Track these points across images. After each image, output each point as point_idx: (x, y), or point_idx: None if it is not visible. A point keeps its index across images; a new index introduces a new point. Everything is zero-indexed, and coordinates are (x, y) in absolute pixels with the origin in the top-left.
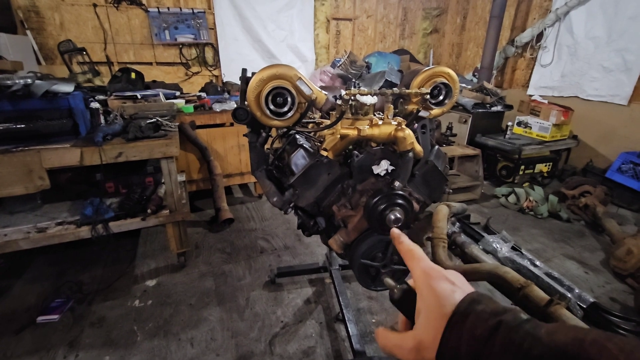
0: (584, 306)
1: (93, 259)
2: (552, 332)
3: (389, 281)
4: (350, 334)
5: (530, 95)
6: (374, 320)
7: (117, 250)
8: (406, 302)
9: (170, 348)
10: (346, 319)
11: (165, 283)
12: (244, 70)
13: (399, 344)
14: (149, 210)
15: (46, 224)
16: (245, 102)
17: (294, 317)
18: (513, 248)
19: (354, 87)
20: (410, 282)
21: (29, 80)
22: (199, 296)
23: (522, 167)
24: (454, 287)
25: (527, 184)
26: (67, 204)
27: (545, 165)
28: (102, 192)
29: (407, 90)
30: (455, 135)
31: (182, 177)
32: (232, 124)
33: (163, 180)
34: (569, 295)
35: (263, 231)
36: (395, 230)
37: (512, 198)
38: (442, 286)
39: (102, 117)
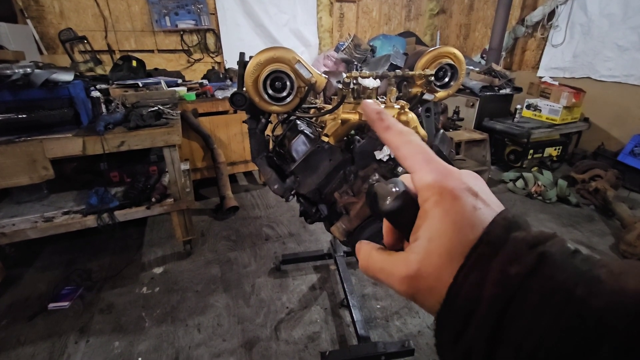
0: None
1: (101, 248)
2: (618, 274)
3: (382, 186)
4: (355, 319)
5: (541, 77)
6: (378, 306)
7: (124, 239)
8: (403, 212)
9: (177, 334)
10: (351, 305)
11: (172, 270)
12: (242, 54)
13: (386, 268)
14: (153, 199)
15: (53, 213)
16: (243, 87)
17: (299, 303)
18: None
19: (356, 70)
20: (406, 180)
21: (29, 70)
22: (205, 283)
23: (531, 151)
24: (477, 200)
25: (535, 168)
26: (72, 193)
27: (555, 149)
28: (107, 181)
29: (410, 72)
30: (462, 119)
31: (185, 166)
32: (235, 111)
33: (167, 169)
34: None
35: (268, 219)
36: (368, 103)
37: (520, 183)
38: (463, 200)
39: (103, 106)
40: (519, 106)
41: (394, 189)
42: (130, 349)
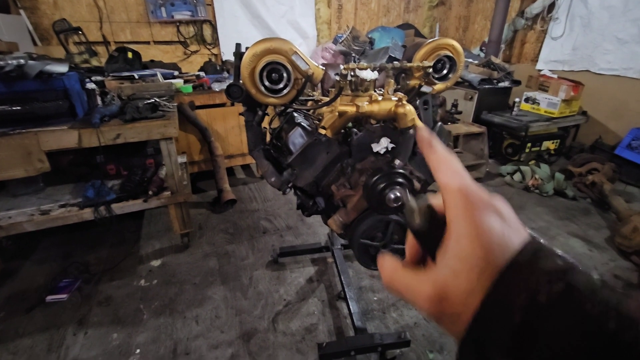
0: None
1: (98, 240)
2: None
3: (412, 202)
4: (352, 311)
5: (540, 70)
6: (375, 299)
7: (122, 232)
8: (429, 230)
9: (176, 325)
10: (348, 297)
11: (169, 263)
12: (238, 45)
13: (411, 285)
14: (150, 192)
15: (49, 206)
16: (240, 79)
17: (296, 295)
18: None
19: (354, 62)
20: (434, 200)
21: (22, 61)
22: (203, 276)
23: (529, 144)
24: (506, 225)
25: (533, 161)
26: (69, 186)
27: (553, 143)
28: (103, 174)
29: (408, 64)
30: (460, 112)
31: (182, 159)
32: (232, 104)
33: (164, 162)
34: None
35: (265, 212)
36: (424, 132)
37: (517, 176)
38: (491, 222)
39: (99, 98)
40: (517, 99)
41: (422, 207)
42: (128, 340)
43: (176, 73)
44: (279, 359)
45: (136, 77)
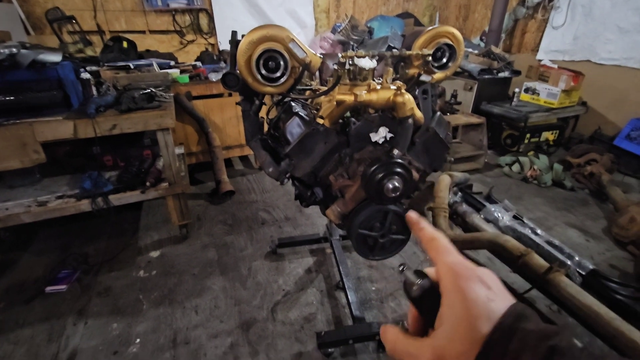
0: (583, 273)
1: (96, 232)
2: None
3: (409, 275)
4: (350, 301)
5: (540, 60)
6: (373, 288)
7: (120, 223)
8: (426, 300)
9: (175, 315)
10: (346, 287)
11: (168, 254)
12: (234, 33)
13: (412, 352)
14: (147, 183)
15: (46, 197)
16: (236, 68)
17: (295, 285)
18: (514, 217)
19: (352, 50)
20: (431, 272)
21: (14, 50)
22: (202, 266)
23: (528, 135)
24: (491, 293)
25: (532, 152)
26: (66, 177)
27: (552, 133)
28: (100, 165)
29: (407, 52)
30: (459, 103)
31: (180, 150)
32: (230, 94)
33: (161, 153)
34: (569, 262)
35: (264, 203)
36: (412, 215)
37: (516, 167)
38: (476, 291)
39: (94, 89)
40: (517, 90)
41: (419, 280)
42: (128, 330)
43: (172, 63)
44: (278, 348)
45: (132, 67)
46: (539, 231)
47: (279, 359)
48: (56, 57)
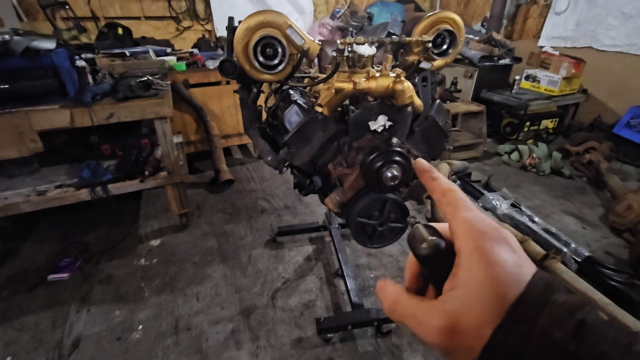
0: (579, 260)
1: (97, 221)
2: None
3: (422, 231)
4: (349, 288)
5: (541, 47)
6: (372, 275)
7: (120, 212)
8: (435, 259)
9: (177, 302)
10: (345, 274)
11: (169, 243)
12: (230, 19)
13: (418, 315)
14: (146, 172)
15: (45, 187)
16: (233, 55)
17: (294, 273)
18: (512, 205)
19: (351, 36)
20: (442, 228)
21: (7, 37)
22: (203, 254)
23: (527, 123)
24: (518, 257)
25: (531, 140)
26: (64, 167)
27: (551, 122)
28: (98, 154)
29: (407, 39)
30: (459, 91)
31: (178, 139)
32: (228, 82)
33: (159, 142)
34: (565, 249)
35: (263, 191)
36: (423, 162)
37: (515, 155)
38: (502, 253)
39: (90, 76)
40: (517, 77)
41: (431, 235)
42: (131, 317)
43: (169, 50)
44: (279, 334)
45: (127, 54)
46: (536, 219)
47: (280, 344)
48: (50, 44)
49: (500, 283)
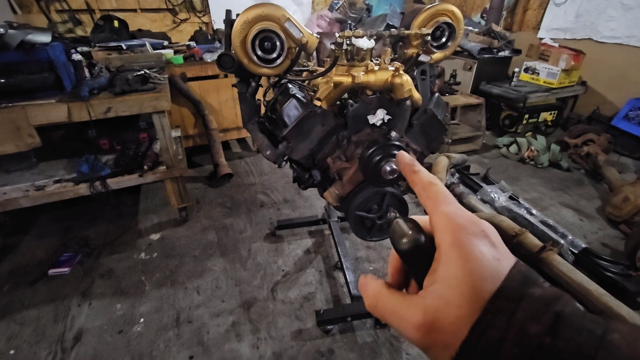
0: (576, 251)
1: (96, 215)
2: (633, 341)
3: (403, 226)
4: (349, 280)
5: (541, 39)
6: (371, 268)
7: (119, 207)
8: (416, 253)
9: (177, 296)
10: (344, 267)
11: (168, 237)
12: (228, 12)
13: (399, 311)
14: (145, 167)
15: (44, 182)
16: (231, 48)
17: (294, 266)
18: (510, 197)
19: (350, 29)
20: (423, 222)
21: (2, 30)
22: (202, 248)
23: (526, 116)
24: (497, 251)
25: (529, 133)
26: (62, 161)
27: (550, 114)
28: (96, 149)
29: (406, 31)
30: (458, 83)
31: (177, 133)
32: (225, 76)
33: (157, 136)
34: (562, 241)
35: (262, 185)
36: (405, 155)
37: (513, 148)
38: (481, 247)
39: (86, 70)
40: (516, 69)
41: (411, 229)
42: (132, 310)
43: (166, 43)
44: (279, 326)
45: (124, 47)
46: (534, 211)
47: (280, 336)
48: (45, 38)
49: (477, 278)
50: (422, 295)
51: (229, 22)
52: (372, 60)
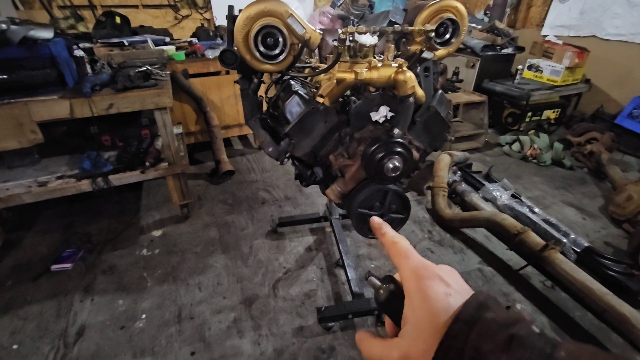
0: (578, 250)
1: (98, 211)
2: (576, 357)
3: (374, 281)
4: (350, 277)
5: (545, 36)
6: (372, 266)
7: (121, 203)
8: (394, 303)
9: (179, 292)
10: (346, 264)
11: (170, 233)
12: (231, 8)
13: (381, 353)
14: (147, 163)
15: (46, 178)
16: (234, 44)
17: (295, 263)
18: (513, 196)
19: (352, 25)
20: (397, 277)
21: (4, 26)
22: (204, 245)
23: (529, 113)
24: (449, 288)
25: (532, 131)
26: (65, 158)
27: (553, 112)
28: (99, 145)
29: (409, 28)
30: (461, 80)
31: (178, 129)
32: (227, 72)
33: (159, 133)
34: (564, 240)
35: (264, 182)
36: (375, 220)
37: (516, 146)
38: (435, 288)
39: (88, 66)
40: (520, 67)
41: (384, 284)
42: (134, 306)
43: (167, 39)
44: (280, 323)
45: (126, 43)
46: (536, 210)
47: (281, 332)
48: (48, 34)
49: (433, 314)
50: (399, 336)
51: (231, 18)
52: (375, 57)
